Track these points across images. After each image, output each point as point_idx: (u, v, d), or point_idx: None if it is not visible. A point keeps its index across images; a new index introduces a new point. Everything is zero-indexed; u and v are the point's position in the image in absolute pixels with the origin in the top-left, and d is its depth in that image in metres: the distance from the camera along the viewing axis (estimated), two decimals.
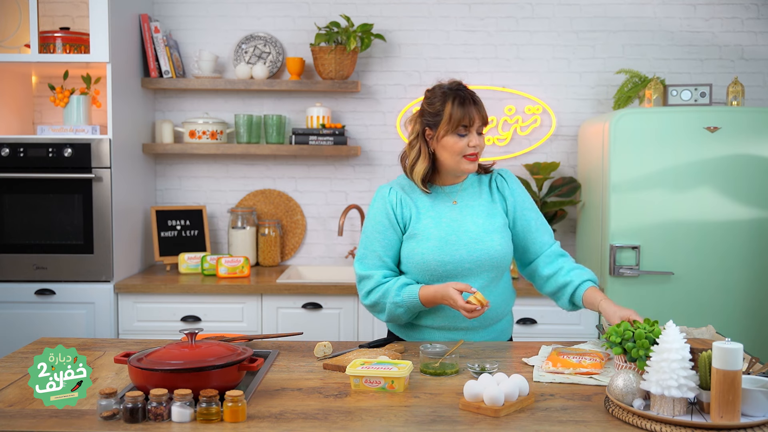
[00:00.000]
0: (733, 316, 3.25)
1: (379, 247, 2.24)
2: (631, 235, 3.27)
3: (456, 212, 2.24)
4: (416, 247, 2.20)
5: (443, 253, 2.18)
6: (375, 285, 2.23)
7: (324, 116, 3.78)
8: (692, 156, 3.24)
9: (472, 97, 2.17)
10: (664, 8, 3.88)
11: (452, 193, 2.27)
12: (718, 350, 1.50)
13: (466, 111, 2.14)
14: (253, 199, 3.96)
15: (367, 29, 3.71)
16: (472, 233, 2.20)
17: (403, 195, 2.26)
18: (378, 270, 2.24)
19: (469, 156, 2.17)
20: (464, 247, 2.19)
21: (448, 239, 2.19)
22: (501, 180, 2.32)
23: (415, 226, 2.22)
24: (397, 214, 2.24)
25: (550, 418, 1.63)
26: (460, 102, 2.15)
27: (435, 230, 2.20)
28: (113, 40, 3.32)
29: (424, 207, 2.25)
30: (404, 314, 2.21)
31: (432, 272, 2.19)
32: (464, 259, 2.18)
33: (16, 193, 3.29)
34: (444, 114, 2.15)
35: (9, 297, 3.28)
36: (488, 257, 2.19)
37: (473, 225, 2.22)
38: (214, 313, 3.36)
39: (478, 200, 2.27)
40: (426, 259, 2.19)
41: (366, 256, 2.26)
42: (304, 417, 1.63)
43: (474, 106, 2.15)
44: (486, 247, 2.19)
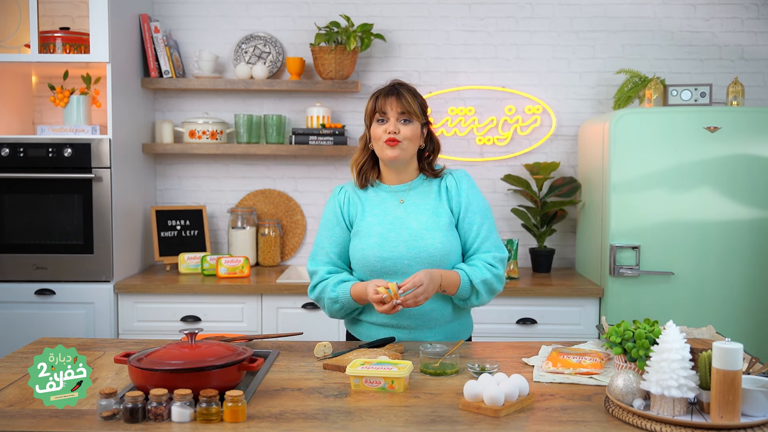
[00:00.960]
0: (733, 316, 3.25)
1: (327, 243, 2.30)
2: (631, 235, 3.27)
3: (401, 210, 2.25)
4: (358, 244, 2.24)
5: (382, 250, 2.20)
6: (318, 280, 2.27)
7: (324, 116, 3.78)
8: (692, 156, 3.23)
9: (393, 88, 2.24)
10: (664, 8, 3.88)
11: (400, 192, 2.29)
12: (718, 350, 1.50)
13: (379, 101, 2.22)
14: (253, 199, 3.96)
15: (367, 29, 3.71)
16: (412, 230, 2.21)
17: (352, 194, 2.32)
18: (324, 266, 2.28)
19: (387, 141, 2.20)
20: (403, 243, 2.20)
21: (388, 236, 2.21)
22: (451, 179, 2.30)
23: (359, 223, 2.26)
24: (344, 212, 2.30)
25: (550, 418, 1.63)
26: (377, 95, 2.24)
27: (377, 227, 2.23)
28: (113, 40, 3.32)
29: (370, 205, 2.28)
30: (341, 310, 2.25)
31: (372, 268, 2.21)
32: (403, 255, 2.19)
33: (16, 193, 3.29)
34: (367, 108, 2.27)
35: (9, 297, 3.28)
36: (427, 255, 2.18)
37: (416, 222, 2.22)
38: (214, 313, 3.36)
39: (425, 199, 2.27)
40: (366, 255, 2.21)
41: (316, 253, 2.32)
42: (304, 417, 1.63)
43: (392, 97, 2.21)
44: (425, 245, 2.19)
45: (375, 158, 2.31)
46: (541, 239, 3.75)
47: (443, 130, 3.90)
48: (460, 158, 3.91)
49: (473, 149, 3.92)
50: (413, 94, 2.25)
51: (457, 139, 3.92)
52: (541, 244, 3.77)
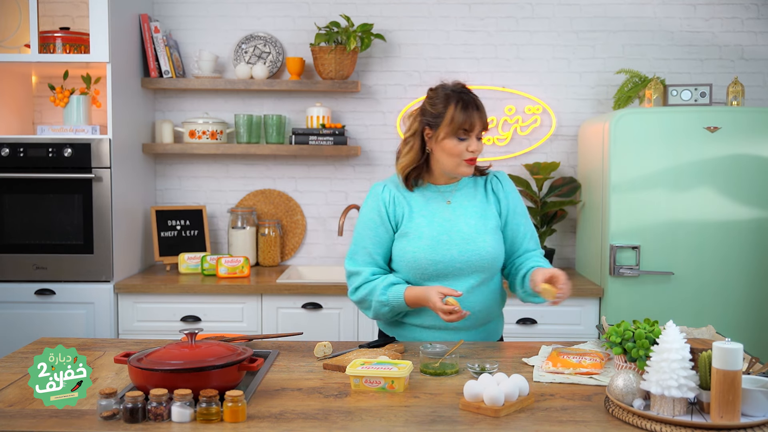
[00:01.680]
0: (733, 316, 3.25)
1: (369, 244, 2.25)
2: (631, 235, 3.27)
3: (449, 212, 2.24)
4: (407, 246, 2.20)
5: (435, 253, 2.18)
6: (363, 282, 2.24)
7: (324, 116, 3.78)
8: (692, 156, 3.23)
9: (475, 101, 2.17)
10: (664, 8, 3.88)
11: (446, 193, 2.27)
12: (718, 350, 1.50)
13: (468, 116, 2.13)
14: (253, 199, 3.96)
15: (367, 29, 3.71)
16: (464, 233, 2.20)
17: (397, 193, 2.26)
18: (367, 267, 2.25)
19: (467, 160, 2.17)
20: (456, 247, 2.19)
21: (440, 239, 2.19)
22: (496, 181, 2.31)
23: (407, 224, 2.22)
24: (390, 212, 2.24)
25: (550, 418, 1.63)
26: (464, 106, 2.14)
27: (427, 229, 2.20)
28: (113, 40, 3.32)
29: (417, 206, 2.25)
30: (389, 313, 2.22)
31: (423, 271, 2.19)
32: (455, 259, 2.18)
33: (16, 193, 3.29)
34: (446, 116, 2.15)
35: (9, 297, 3.28)
36: (479, 258, 2.19)
37: (466, 225, 2.22)
38: (214, 313, 3.36)
39: (472, 201, 2.27)
40: (417, 257, 2.19)
41: (356, 253, 2.27)
42: (304, 417, 1.63)
43: (476, 112, 2.15)
44: (477, 248, 2.19)
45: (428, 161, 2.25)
46: (541, 239, 3.75)
47: None
48: None
49: None
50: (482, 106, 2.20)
51: None
52: (541, 244, 3.77)
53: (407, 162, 2.23)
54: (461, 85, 2.22)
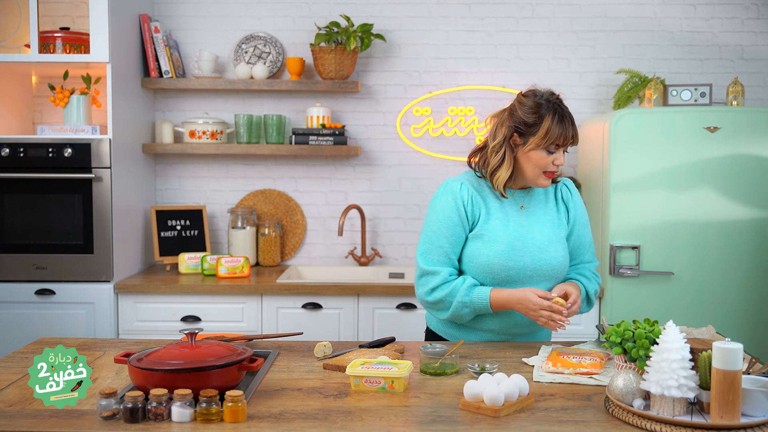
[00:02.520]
0: (733, 316, 3.25)
1: (446, 242, 2.18)
2: (631, 235, 3.27)
3: (523, 218, 2.21)
4: (482, 249, 2.16)
5: (509, 259, 2.15)
6: (441, 282, 2.17)
7: (324, 116, 3.78)
8: (692, 156, 3.23)
9: (570, 114, 2.13)
10: (664, 8, 3.88)
11: (520, 198, 2.25)
12: (718, 350, 1.50)
13: (564, 129, 2.09)
14: (253, 199, 3.96)
15: (367, 29, 3.71)
16: (538, 241, 2.19)
17: (474, 192, 2.20)
18: (444, 267, 2.18)
19: (549, 173, 2.15)
20: (529, 254, 2.17)
21: (515, 245, 2.16)
22: (566, 191, 2.30)
23: (483, 226, 2.18)
24: (468, 212, 2.18)
25: (550, 418, 1.63)
26: (560, 119, 2.10)
27: (503, 233, 2.17)
28: (113, 40, 3.32)
29: (493, 208, 2.21)
30: (468, 314, 2.17)
31: (494, 276, 2.16)
32: (527, 266, 2.16)
33: (16, 193, 3.29)
34: (541, 128, 2.09)
35: (9, 297, 3.28)
36: (550, 267, 2.19)
37: (539, 233, 2.20)
38: (214, 313, 3.36)
39: (544, 208, 2.26)
40: (491, 261, 2.15)
41: (431, 251, 2.19)
42: (304, 417, 1.63)
43: (571, 126, 2.12)
44: (549, 257, 2.19)
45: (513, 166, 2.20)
46: None
47: (443, 130, 3.90)
48: (460, 158, 3.90)
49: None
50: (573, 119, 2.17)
51: (457, 139, 3.92)
52: None
53: (504, 175, 2.16)
54: (556, 96, 2.16)
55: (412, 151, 3.93)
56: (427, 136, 3.93)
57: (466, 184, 2.21)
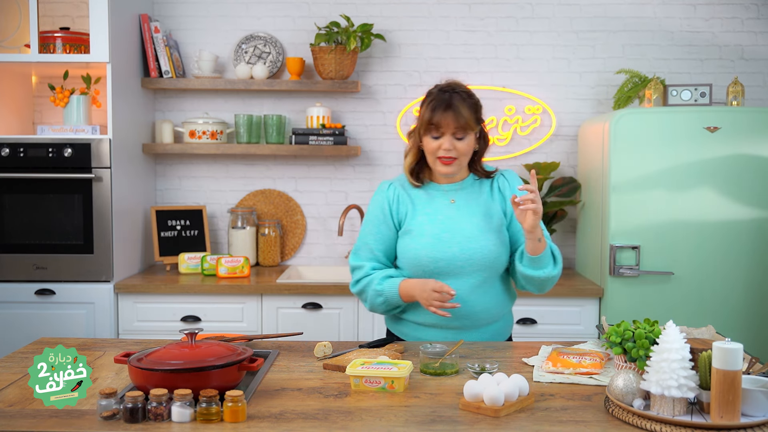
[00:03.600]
0: (733, 316, 3.25)
1: (371, 240, 2.29)
2: (631, 235, 3.27)
3: (453, 210, 2.25)
4: (410, 243, 2.23)
5: (436, 250, 2.19)
6: (363, 275, 2.28)
7: (324, 116, 3.78)
8: (692, 156, 3.23)
9: (448, 102, 2.14)
10: (664, 8, 3.88)
11: (450, 192, 2.28)
12: (718, 350, 1.50)
13: (434, 115, 2.14)
14: (253, 199, 3.96)
15: (367, 29, 3.71)
16: (466, 232, 2.21)
17: (401, 191, 2.29)
18: (368, 262, 2.29)
19: (441, 159, 2.18)
20: (457, 245, 2.19)
21: (442, 237, 2.20)
22: (503, 179, 2.31)
23: (410, 222, 2.25)
24: (393, 210, 2.28)
25: (550, 418, 1.63)
26: (434, 106, 2.15)
27: (429, 227, 2.22)
28: (113, 40, 3.32)
29: (420, 204, 2.26)
30: (383, 304, 2.25)
31: (424, 268, 2.20)
32: (456, 257, 2.19)
33: (16, 193, 3.29)
34: (419, 115, 2.21)
35: (9, 297, 3.28)
36: (481, 257, 2.19)
37: (469, 224, 2.22)
38: (214, 313, 3.36)
39: (476, 199, 2.27)
40: (419, 255, 2.21)
41: (360, 249, 2.32)
42: (304, 417, 1.63)
43: (447, 112, 2.13)
44: (479, 247, 2.20)
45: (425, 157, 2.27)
46: None
47: None
48: None
49: None
50: (470, 105, 2.16)
51: None
52: None
53: (409, 160, 2.28)
54: (450, 85, 2.21)
55: None
56: None
57: (395, 184, 2.32)
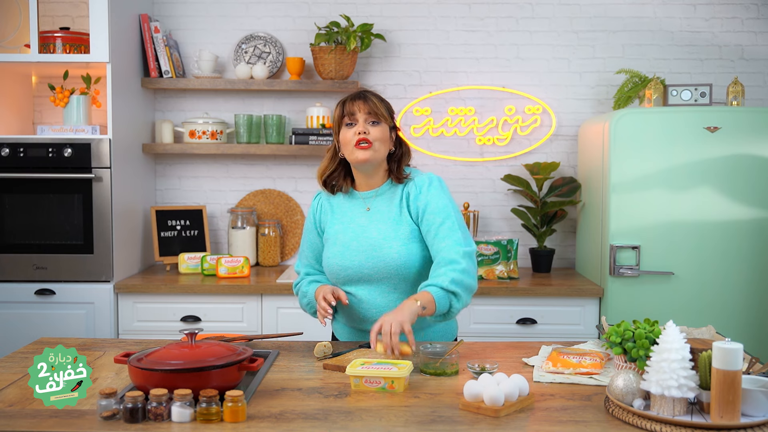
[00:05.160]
0: (733, 316, 3.25)
1: (306, 247, 2.40)
2: (631, 235, 3.27)
3: (365, 218, 2.26)
4: (326, 252, 2.31)
5: (344, 258, 2.23)
6: (298, 280, 2.39)
7: (324, 116, 3.78)
8: (692, 156, 3.23)
9: (359, 93, 2.24)
10: (664, 8, 3.88)
11: (367, 199, 2.29)
12: (718, 350, 1.50)
13: (346, 105, 2.23)
14: (253, 199, 3.96)
15: (367, 29, 3.71)
16: (372, 240, 2.21)
17: (325, 201, 2.36)
18: (304, 267, 2.40)
19: (358, 144, 2.19)
20: (363, 253, 2.21)
21: (350, 245, 2.23)
22: (411, 185, 2.24)
23: (329, 230, 2.31)
24: (317, 219, 2.36)
25: (550, 418, 1.63)
26: (343, 100, 2.24)
27: (342, 236, 2.26)
28: (113, 40, 3.32)
29: (339, 213, 2.31)
30: (308, 305, 2.33)
31: (336, 276, 2.26)
32: (363, 265, 2.20)
33: (16, 193, 3.29)
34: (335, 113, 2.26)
35: (9, 297, 3.28)
36: (385, 264, 2.18)
37: (376, 232, 2.22)
38: (214, 313, 3.36)
39: (388, 207, 2.26)
40: (330, 263, 2.26)
41: (301, 255, 2.43)
42: (304, 417, 1.63)
43: (358, 100, 2.22)
44: (383, 255, 2.19)
45: (347, 167, 2.30)
46: (541, 239, 3.75)
47: (443, 130, 3.90)
48: (460, 158, 3.91)
49: (473, 149, 3.92)
50: (379, 98, 2.26)
51: (457, 139, 3.92)
52: (541, 244, 3.77)
53: (322, 167, 2.32)
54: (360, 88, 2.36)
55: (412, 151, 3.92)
56: (427, 136, 3.93)
57: (322, 194, 2.38)
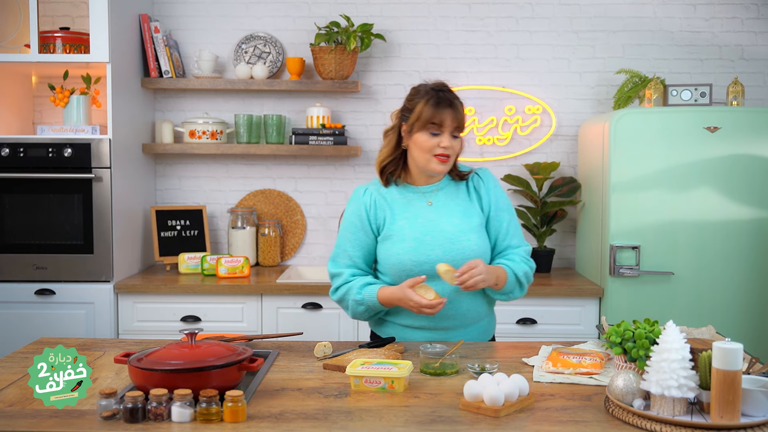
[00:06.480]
0: (733, 316, 3.25)
1: (349, 247, 2.27)
2: (631, 235, 3.27)
3: (431, 212, 2.24)
4: (391, 248, 2.22)
5: (418, 254, 2.18)
6: (342, 282, 2.27)
7: (324, 116, 3.78)
8: (692, 156, 3.23)
9: (449, 99, 2.18)
10: (664, 8, 3.88)
11: (427, 194, 2.27)
12: (718, 350, 1.50)
13: (437, 111, 2.15)
14: (253, 199, 3.96)
15: (367, 29, 3.71)
16: (447, 233, 2.20)
17: (378, 196, 2.27)
18: (347, 269, 2.27)
19: (439, 156, 2.17)
20: (439, 247, 2.19)
21: (424, 239, 2.19)
22: (477, 179, 2.31)
23: (390, 227, 2.23)
24: (370, 216, 2.26)
25: (550, 418, 1.63)
26: (435, 102, 2.16)
27: (410, 231, 2.21)
28: (113, 40, 3.32)
29: (398, 208, 2.25)
30: (365, 312, 2.25)
31: (408, 273, 2.19)
32: (440, 259, 2.18)
33: (16, 193, 3.29)
34: (415, 110, 2.18)
35: (9, 297, 3.28)
36: (464, 257, 2.18)
37: (449, 225, 2.21)
38: (214, 313, 3.36)
39: (454, 200, 2.27)
40: (402, 259, 2.19)
41: (338, 256, 2.30)
42: (304, 417, 1.63)
43: (449, 109, 2.16)
44: (462, 247, 2.19)
45: (404, 157, 2.27)
46: (541, 239, 3.75)
47: None
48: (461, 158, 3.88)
49: (473, 149, 3.92)
50: (462, 107, 2.21)
51: None
52: (541, 244, 3.77)
53: (383, 155, 2.27)
54: (441, 83, 2.25)
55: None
56: None
57: (371, 189, 2.29)
